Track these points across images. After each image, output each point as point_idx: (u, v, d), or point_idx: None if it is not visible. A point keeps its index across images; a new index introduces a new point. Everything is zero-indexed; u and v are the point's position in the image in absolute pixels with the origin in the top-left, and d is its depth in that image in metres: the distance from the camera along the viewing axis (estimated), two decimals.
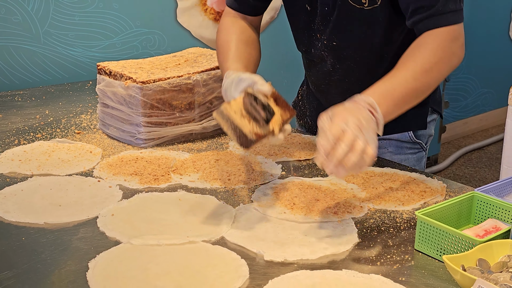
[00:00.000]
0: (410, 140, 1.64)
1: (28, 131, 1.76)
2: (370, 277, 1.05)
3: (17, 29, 2.27)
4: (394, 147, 1.64)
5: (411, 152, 1.66)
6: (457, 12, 1.37)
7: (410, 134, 1.64)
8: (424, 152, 1.69)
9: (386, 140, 1.63)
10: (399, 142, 1.64)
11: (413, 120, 1.62)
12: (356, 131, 1.11)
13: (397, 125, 1.54)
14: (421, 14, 1.37)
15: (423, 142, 1.68)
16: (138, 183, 1.42)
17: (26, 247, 1.13)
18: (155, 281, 1.02)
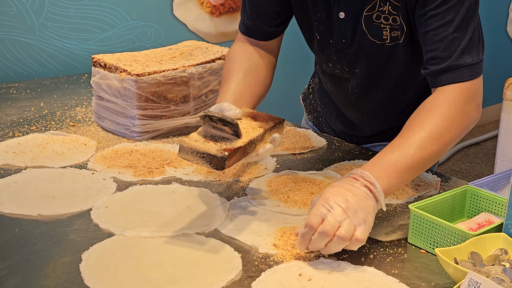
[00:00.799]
0: None
1: (22, 123, 1.75)
2: (363, 270, 1.05)
3: (12, 22, 2.26)
4: None
5: None
6: (474, 66, 1.24)
7: None
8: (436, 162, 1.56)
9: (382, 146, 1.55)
10: None
11: None
12: (340, 216, 1.04)
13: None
14: (434, 66, 1.25)
15: None
16: (132, 175, 1.41)
17: (19, 239, 1.13)
18: (148, 273, 1.02)
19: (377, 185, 1.11)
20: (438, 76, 1.25)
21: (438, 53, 1.25)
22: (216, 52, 1.80)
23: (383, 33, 1.36)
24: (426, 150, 1.17)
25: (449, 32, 1.24)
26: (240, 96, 1.38)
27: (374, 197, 1.10)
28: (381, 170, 1.13)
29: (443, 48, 1.24)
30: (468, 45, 1.25)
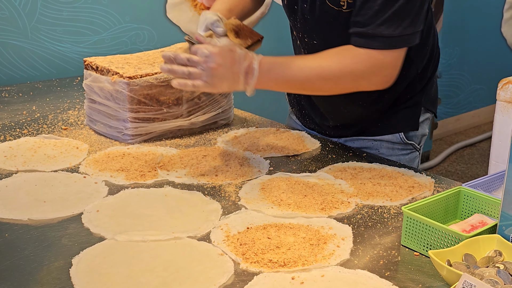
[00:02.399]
0: (402, 142, 1.60)
1: (14, 127, 1.74)
2: (356, 273, 1.04)
3: (4, 24, 2.25)
4: (386, 149, 1.61)
5: (404, 153, 1.62)
6: (391, 39, 1.34)
7: (401, 135, 1.60)
8: (418, 152, 1.65)
9: (377, 141, 1.62)
10: (390, 144, 1.61)
11: (404, 121, 1.59)
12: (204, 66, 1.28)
13: (388, 127, 1.57)
14: (355, 28, 1.37)
15: (416, 142, 1.63)
16: (124, 179, 1.40)
17: (9, 244, 1.12)
18: (139, 277, 1.01)
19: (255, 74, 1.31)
20: (354, 37, 1.37)
21: (363, 19, 1.35)
22: None
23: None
24: (310, 81, 1.36)
25: (378, 2, 1.33)
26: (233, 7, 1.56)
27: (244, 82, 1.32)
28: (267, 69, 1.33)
29: (368, 16, 1.34)
30: (390, 18, 1.32)
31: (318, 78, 1.36)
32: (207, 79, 1.29)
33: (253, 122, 1.86)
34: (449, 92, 4.54)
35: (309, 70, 1.36)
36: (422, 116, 1.61)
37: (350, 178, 1.43)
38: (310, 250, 1.10)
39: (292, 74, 1.35)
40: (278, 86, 1.38)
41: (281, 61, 1.36)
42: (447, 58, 4.41)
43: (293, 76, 1.35)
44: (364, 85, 1.40)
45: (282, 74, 1.35)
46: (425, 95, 1.60)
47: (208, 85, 1.30)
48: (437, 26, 3.88)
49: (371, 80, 1.38)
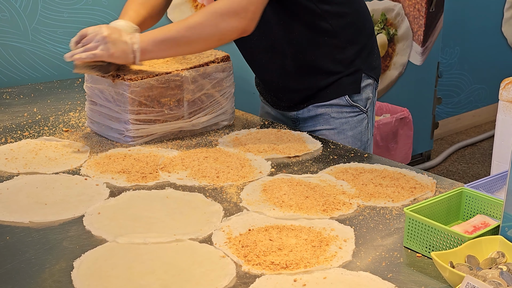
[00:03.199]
0: (348, 104, 1.78)
1: (15, 129, 1.74)
2: (358, 275, 1.04)
3: (5, 26, 2.25)
4: (336, 112, 1.79)
5: (352, 115, 1.80)
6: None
7: (346, 98, 1.78)
8: (365, 114, 1.82)
9: (327, 107, 1.79)
10: (338, 107, 1.79)
11: (347, 86, 1.78)
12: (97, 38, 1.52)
13: (334, 92, 1.77)
14: None
15: (361, 105, 1.81)
16: (126, 181, 1.40)
17: (10, 247, 1.12)
18: (140, 279, 1.01)
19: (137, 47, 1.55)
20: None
21: None
22: (209, 55, 1.79)
23: None
24: (180, 33, 1.57)
25: None
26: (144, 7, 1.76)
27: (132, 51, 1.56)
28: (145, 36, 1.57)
29: None
30: None
31: (186, 29, 1.56)
32: (103, 47, 1.52)
33: (254, 123, 1.85)
34: (449, 92, 4.53)
35: (178, 25, 1.58)
36: (364, 81, 1.80)
37: (351, 179, 1.42)
38: (312, 252, 1.10)
39: (165, 33, 1.57)
40: (160, 48, 1.57)
41: (156, 29, 1.60)
42: (447, 58, 4.40)
43: (166, 35, 1.57)
44: (225, 28, 1.57)
45: (158, 35, 1.57)
46: (364, 63, 1.79)
47: (105, 53, 1.52)
48: (438, 25, 3.88)
49: (230, 22, 1.56)
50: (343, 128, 1.79)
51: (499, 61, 4.73)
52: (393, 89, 3.79)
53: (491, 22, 4.63)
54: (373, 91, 1.85)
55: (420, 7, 3.74)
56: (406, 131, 3.54)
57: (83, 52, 1.53)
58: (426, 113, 4.03)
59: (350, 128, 1.79)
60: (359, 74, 1.79)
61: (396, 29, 3.70)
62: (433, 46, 3.89)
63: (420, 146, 4.05)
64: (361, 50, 1.79)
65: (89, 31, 1.55)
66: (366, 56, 1.81)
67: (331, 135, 1.79)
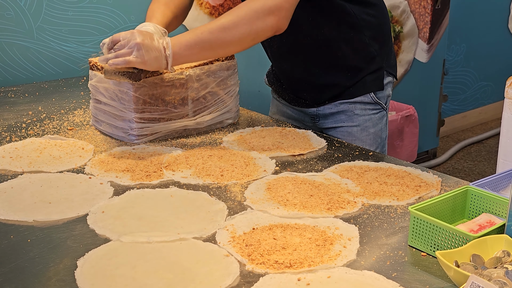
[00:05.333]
0: (372, 101, 1.81)
1: (20, 127, 1.74)
2: (363, 274, 1.03)
3: (10, 25, 2.25)
4: (359, 110, 1.81)
5: (374, 112, 1.82)
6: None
7: (372, 95, 1.80)
8: (385, 111, 1.86)
9: (351, 104, 1.80)
10: (362, 104, 1.80)
11: (372, 83, 1.80)
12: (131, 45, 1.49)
13: (359, 89, 1.79)
14: None
15: (383, 102, 1.84)
16: (130, 179, 1.40)
17: (14, 246, 1.12)
18: (144, 278, 1.01)
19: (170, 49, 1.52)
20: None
21: None
22: None
23: None
24: (213, 34, 1.53)
25: None
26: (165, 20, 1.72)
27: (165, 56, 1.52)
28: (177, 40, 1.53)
29: None
30: None
31: (219, 30, 1.53)
32: (136, 54, 1.48)
33: (258, 121, 1.85)
34: (455, 89, 4.52)
35: (211, 26, 1.55)
36: (385, 79, 1.83)
37: (356, 177, 1.42)
38: (316, 251, 1.09)
39: (197, 36, 1.54)
40: (192, 52, 1.55)
41: (188, 31, 1.57)
42: (453, 55, 4.39)
43: (199, 37, 1.53)
44: (259, 27, 1.54)
45: (191, 39, 1.53)
46: (385, 61, 1.82)
47: (138, 60, 1.49)
48: (443, 22, 3.86)
49: (265, 21, 1.54)
50: (366, 125, 1.80)
51: (505, 58, 4.70)
52: (399, 86, 3.78)
53: (498, 19, 4.61)
54: (392, 89, 1.89)
55: (426, 4, 3.73)
56: (412, 128, 3.53)
57: (116, 58, 1.49)
58: (432, 111, 4.01)
59: (372, 125, 1.81)
60: (382, 71, 1.81)
61: (402, 26, 3.69)
62: (439, 43, 3.88)
63: (426, 144, 4.04)
64: (382, 47, 1.81)
65: (121, 36, 1.51)
66: (386, 54, 1.83)
67: (354, 132, 1.80)
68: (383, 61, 1.81)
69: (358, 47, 1.77)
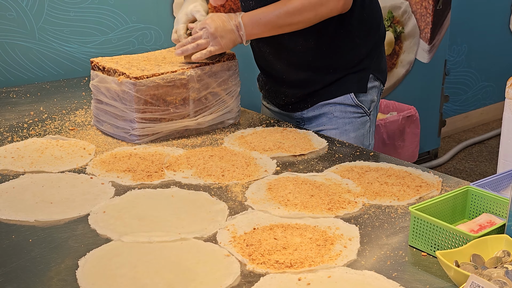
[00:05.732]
0: (353, 103, 1.78)
1: (22, 127, 1.75)
2: (363, 273, 1.04)
3: (11, 25, 2.26)
4: (339, 112, 1.79)
5: (355, 116, 1.80)
6: None
7: (352, 96, 1.78)
8: (368, 117, 1.82)
9: (331, 105, 1.79)
10: (343, 106, 1.79)
11: (354, 84, 1.78)
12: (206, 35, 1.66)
13: (340, 89, 1.77)
14: None
15: (366, 107, 1.81)
16: (131, 179, 1.40)
17: (15, 245, 1.12)
18: (145, 278, 1.01)
19: (243, 29, 1.67)
20: None
21: None
22: None
23: None
24: (281, 19, 1.65)
25: None
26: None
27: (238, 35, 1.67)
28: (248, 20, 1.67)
29: None
30: None
31: (286, 15, 1.64)
32: (213, 42, 1.65)
33: (260, 121, 1.85)
34: (457, 90, 4.52)
35: (278, 9, 1.65)
36: (370, 82, 1.80)
37: (357, 177, 1.42)
38: (317, 250, 1.10)
39: (265, 16, 1.66)
40: (262, 31, 1.68)
41: (257, 11, 1.68)
42: (455, 56, 4.39)
43: (267, 18, 1.66)
44: (324, 12, 1.63)
45: (261, 19, 1.66)
46: (373, 63, 1.79)
47: (217, 47, 1.66)
48: (445, 23, 3.86)
49: (329, 5, 1.62)
50: (345, 128, 1.79)
51: (507, 59, 4.70)
52: (400, 87, 3.78)
53: (499, 19, 4.61)
54: (378, 95, 1.84)
55: (427, 4, 3.73)
56: (413, 129, 3.53)
57: (196, 51, 1.67)
58: (433, 111, 4.01)
59: (353, 130, 1.79)
60: (367, 73, 1.79)
61: (403, 26, 3.69)
62: (440, 43, 3.88)
63: (427, 144, 4.04)
64: (372, 49, 1.79)
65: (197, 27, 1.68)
66: (376, 57, 1.81)
67: (333, 135, 1.78)
68: (371, 63, 1.79)
69: (345, 46, 1.76)
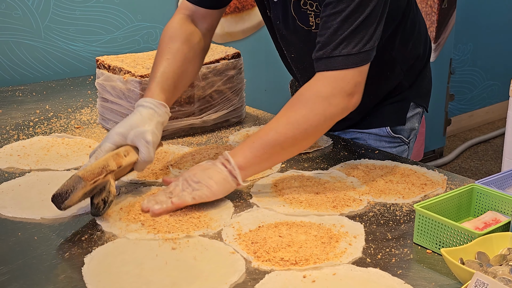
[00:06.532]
0: (388, 135, 1.63)
1: (28, 126, 1.75)
2: (368, 271, 1.04)
3: (17, 24, 2.27)
4: (373, 141, 1.64)
5: (391, 145, 1.64)
6: (350, 57, 1.26)
7: (388, 129, 1.62)
8: (407, 145, 1.67)
9: (365, 134, 1.64)
10: (377, 136, 1.64)
11: (391, 116, 1.61)
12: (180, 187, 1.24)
13: (375, 121, 1.60)
14: (316, 52, 1.30)
15: (404, 136, 1.65)
16: (136, 177, 1.41)
17: (21, 243, 1.13)
18: (150, 275, 1.01)
19: (232, 161, 1.25)
20: (316, 62, 1.30)
21: (322, 39, 1.29)
22: (220, 52, 1.79)
23: (309, 19, 1.43)
24: (280, 133, 1.26)
25: (336, 21, 1.27)
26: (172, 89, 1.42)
27: (229, 172, 1.25)
28: (237, 150, 1.28)
29: (327, 36, 1.28)
30: (349, 36, 1.27)
31: (287, 127, 1.27)
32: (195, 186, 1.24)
33: (265, 119, 1.86)
34: (462, 89, 4.51)
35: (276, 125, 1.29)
36: (411, 111, 1.63)
37: (362, 175, 1.42)
38: (321, 248, 1.10)
39: (262, 138, 1.28)
40: (261, 160, 1.28)
41: (247, 141, 1.29)
42: (460, 55, 4.38)
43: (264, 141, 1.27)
44: (334, 113, 1.29)
45: (255, 147, 1.27)
46: (413, 90, 1.62)
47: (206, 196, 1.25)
48: (450, 22, 3.85)
49: (339, 105, 1.28)
50: None
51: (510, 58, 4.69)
52: None
53: (504, 18, 4.60)
54: (419, 121, 1.67)
55: (432, 3, 3.72)
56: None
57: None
58: (438, 110, 4.01)
59: None
60: (407, 103, 1.61)
61: None
62: (445, 42, 3.87)
63: (433, 143, 4.03)
64: (416, 77, 1.62)
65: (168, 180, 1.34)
66: (418, 84, 1.63)
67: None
68: (411, 91, 1.61)
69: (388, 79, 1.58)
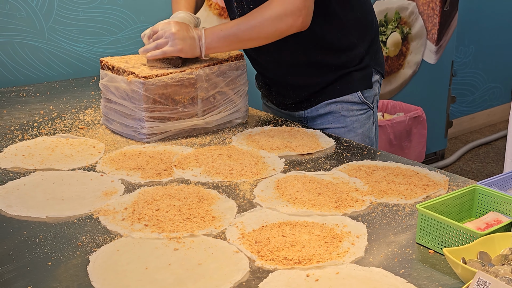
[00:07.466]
0: (359, 101, 1.82)
1: (32, 126, 1.76)
2: (371, 270, 1.05)
3: (21, 25, 2.28)
4: (346, 111, 1.82)
5: (361, 112, 1.83)
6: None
7: (359, 94, 1.81)
8: (372, 110, 1.86)
9: (337, 104, 1.81)
10: (349, 104, 1.81)
11: (360, 82, 1.81)
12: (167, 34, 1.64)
13: (346, 87, 1.80)
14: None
15: (369, 102, 1.84)
16: (140, 177, 1.42)
17: (27, 241, 1.13)
18: (155, 274, 1.02)
19: (203, 39, 1.66)
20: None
21: None
22: (223, 53, 1.80)
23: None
24: (242, 32, 1.66)
25: None
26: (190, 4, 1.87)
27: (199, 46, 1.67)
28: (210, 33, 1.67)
29: None
30: None
31: (246, 29, 1.65)
32: (172, 43, 1.63)
33: (267, 121, 1.86)
34: (464, 91, 4.52)
35: (240, 24, 1.66)
36: (373, 77, 1.84)
37: (364, 176, 1.43)
38: (325, 247, 1.11)
39: (228, 30, 1.67)
40: (223, 44, 1.67)
41: (219, 26, 1.69)
42: (462, 57, 4.39)
43: (229, 31, 1.66)
44: (283, 28, 1.64)
45: (222, 32, 1.66)
46: (373, 58, 1.83)
47: (174, 48, 1.63)
48: (452, 24, 3.86)
49: (287, 22, 1.63)
50: (353, 126, 1.81)
51: None
52: (407, 87, 3.78)
53: (506, 20, 4.61)
54: (379, 88, 1.88)
55: (434, 5, 3.73)
56: (420, 130, 3.54)
57: (155, 50, 1.65)
58: (440, 112, 4.02)
59: (360, 126, 1.82)
60: (370, 69, 1.82)
61: (410, 27, 3.69)
62: (447, 44, 3.88)
63: (434, 145, 4.04)
64: (370, 46, 1.82)
65: (159, 26, 1.66)
66: (374, 52, 1.84)
67: (341, 133, 1.81)
68: (371, 59, 1.82)
69: (347, 47, 1.78)
